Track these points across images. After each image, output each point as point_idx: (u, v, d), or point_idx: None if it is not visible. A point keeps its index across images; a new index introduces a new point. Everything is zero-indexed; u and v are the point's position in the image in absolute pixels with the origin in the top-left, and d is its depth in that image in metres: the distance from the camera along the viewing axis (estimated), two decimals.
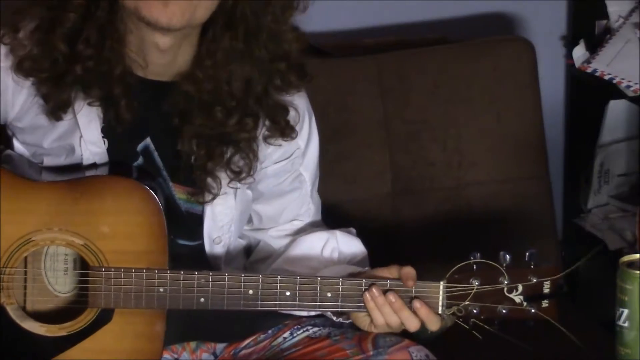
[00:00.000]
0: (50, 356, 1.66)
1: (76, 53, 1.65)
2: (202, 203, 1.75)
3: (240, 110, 1.71)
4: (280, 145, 1.79)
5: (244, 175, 1.75)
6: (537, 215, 2.36)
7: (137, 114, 1.70)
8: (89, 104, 1.70)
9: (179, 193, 1.76)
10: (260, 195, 1.85)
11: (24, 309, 1.68)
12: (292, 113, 1.78)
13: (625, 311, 1.54)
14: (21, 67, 1.68)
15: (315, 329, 1.81)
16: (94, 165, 1.74)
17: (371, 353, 1.71)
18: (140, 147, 1.75)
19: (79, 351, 1.66)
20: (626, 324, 1.54)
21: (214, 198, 1.75)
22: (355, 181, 2.25)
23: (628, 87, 2.47)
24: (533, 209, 2.35)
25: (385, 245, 2.28)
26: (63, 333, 1.66)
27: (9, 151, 1.80)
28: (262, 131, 1.76)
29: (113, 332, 1.66)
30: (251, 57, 1.70)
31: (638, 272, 1.53)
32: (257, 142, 1.76)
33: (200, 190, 1.74)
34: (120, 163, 1.74)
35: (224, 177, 1.75)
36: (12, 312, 1.66)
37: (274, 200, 1.86)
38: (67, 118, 1.71)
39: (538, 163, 2.37)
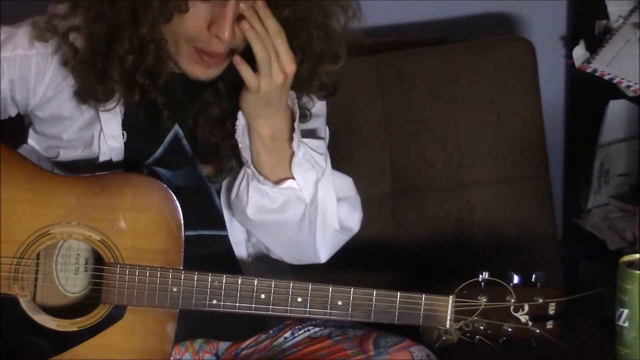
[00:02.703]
0: (60, 351, 1.67)
1: (136, 82, 1.67)
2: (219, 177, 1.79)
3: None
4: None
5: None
6: (537, 215, 2.36)
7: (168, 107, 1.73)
8: (130, 106, 1.72)
9: (209, 172, 1.79)
10: None
11: (35, 301, 1.69)
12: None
13: (625, 311, 1.54)
14: (79, 94, 1.71)
15: (316, 329, 1.81)
16: (108, 163, 1.75)
17: (372, 353, 1.71)
18: (170, 135, 1.76)
19: (88, 347, 1.67)
20: (626, 324, 1.55)
21: (229, 172, 1.78)
22: (355, 181, 2.24)
23: (628, 87, 2.47)
24: (533, 209, 2.35)
25: (385, 245, 2.28)
26: (74, 328, 1.67)
27: (24, 146, 1.81)
28: None
29: (124, 329, 1.67)
30: None
31: (638, 272, 1.53)
32: None
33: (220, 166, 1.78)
34: (135, 160, 1.75)
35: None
36: (25, 305, 1.67)
37: None
38: (91, 107, 1.73)
39: (538, 163, 2.37)
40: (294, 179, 1.72)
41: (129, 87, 1.68)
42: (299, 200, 1.73)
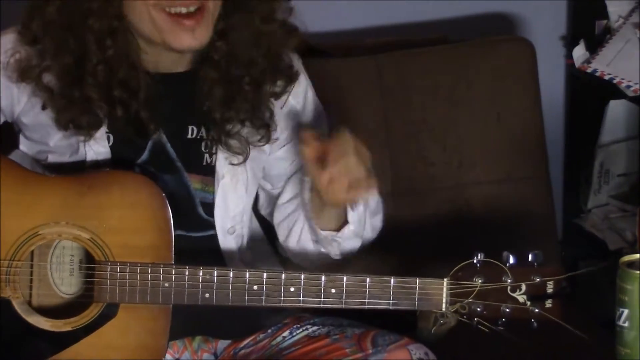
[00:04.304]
0: (55, 351, 1.67)
1: (114, 97, 1.68)
2: (236, 164, 1.78)
3: (267, 74, 1.76)
4: (287, 95, 1.82)
5: (263, 131, 1.79)
6: (537, 215, 2.36)
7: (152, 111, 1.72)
8: (115, 124, 1.73)
9: (194, 183, 1.79)
10: (271, 179, 1.90)
11: (29, 303, 1.69)
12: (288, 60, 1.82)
13: (625, 311, 1.54)
14: (60, 121, 1.72)
15: (315, 327, 1.81)
16: (96, 165, 1.75)
17: (370, 352, 1.71)
18: (151, 142, 1.76)
19: (83, 346, 1.67)
20: (626, 324, 1.55)
21: (245, 159, 1.78)
22: None
23: (628, 87, 2.47)
24: (533, 209, 2.35)
25: (385, 246, 2.28)
26: (68, 328, 1.67)
27: (16, 151, 1.81)
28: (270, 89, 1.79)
29: (118, 327, 1.67)
30: (253, 24, 1.74)
31: (638, 272, 1.53)
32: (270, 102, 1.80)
33: (212, 174, 1.78)
34: (123, 162, 1.75)
35: (248, 134, 1.78)
36: (18, 306, 1.67)
37: (282, 179, 1.89)
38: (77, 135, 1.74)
39: (538, 163, 2.37)
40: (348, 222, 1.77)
41: (109, 103, 1.68)
42: (357, 235, 1.80)
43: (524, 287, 1.64)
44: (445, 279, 1.65)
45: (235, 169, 1.79)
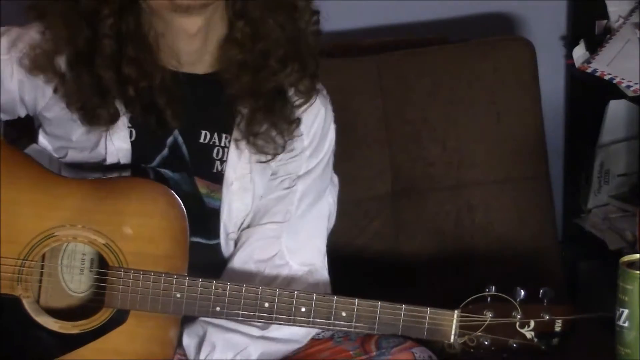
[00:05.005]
0: (62, 353, 1.67)
1: (124, 76, 1.66)
2: (264, 162, 1.75)
3: (290, 56, 1.73)
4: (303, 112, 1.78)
5: (285, 137, 1.75)
6: (537, 215, 2.36)
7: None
8: (134, 117, 1.71)
9: (201, 187, 1.77)
10: None
11: (38, 303, 1.69)
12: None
13: (625, 311, 1.54)
14: (71, 104, 1.70)
15: (319, 330, 1.81)
16: (115, 166, 1.74)
17: (374, 354, 1.71)
18: (169, 140, 1.75)
19: (90, 350, 1.67)
20: (626, 324, 1.55)
21: (275, 155, 1.75)
22: (355, 181, 2.25)
23: (628, 87, 2.47)
24: (533, 209, 2.35)
25: (385, 246, 2.28)
26: (76, 331, 1.67)
27: (33, 145, 1.80)
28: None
29: (126, 333, 1.67)
30: (279, 5, 1.72)
31: (638, 272, 1.53)
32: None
33: (220, 182, 1.76)
34: (140, 165, 1.74)
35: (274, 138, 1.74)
36: (28, 306, 1.67)
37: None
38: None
39: (538, 163, 2.37)
40: None
41: (120, 83, 1.66)
42: None
43: (532, 324, 1.64)
44: (456, 311, 1.65)
45: (244, 178, 1.77)
